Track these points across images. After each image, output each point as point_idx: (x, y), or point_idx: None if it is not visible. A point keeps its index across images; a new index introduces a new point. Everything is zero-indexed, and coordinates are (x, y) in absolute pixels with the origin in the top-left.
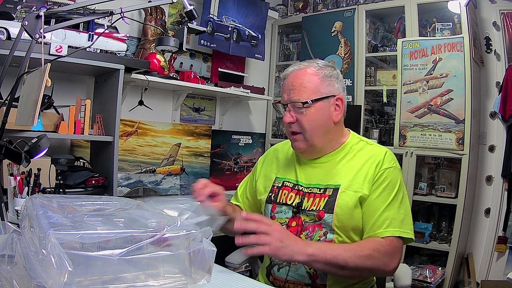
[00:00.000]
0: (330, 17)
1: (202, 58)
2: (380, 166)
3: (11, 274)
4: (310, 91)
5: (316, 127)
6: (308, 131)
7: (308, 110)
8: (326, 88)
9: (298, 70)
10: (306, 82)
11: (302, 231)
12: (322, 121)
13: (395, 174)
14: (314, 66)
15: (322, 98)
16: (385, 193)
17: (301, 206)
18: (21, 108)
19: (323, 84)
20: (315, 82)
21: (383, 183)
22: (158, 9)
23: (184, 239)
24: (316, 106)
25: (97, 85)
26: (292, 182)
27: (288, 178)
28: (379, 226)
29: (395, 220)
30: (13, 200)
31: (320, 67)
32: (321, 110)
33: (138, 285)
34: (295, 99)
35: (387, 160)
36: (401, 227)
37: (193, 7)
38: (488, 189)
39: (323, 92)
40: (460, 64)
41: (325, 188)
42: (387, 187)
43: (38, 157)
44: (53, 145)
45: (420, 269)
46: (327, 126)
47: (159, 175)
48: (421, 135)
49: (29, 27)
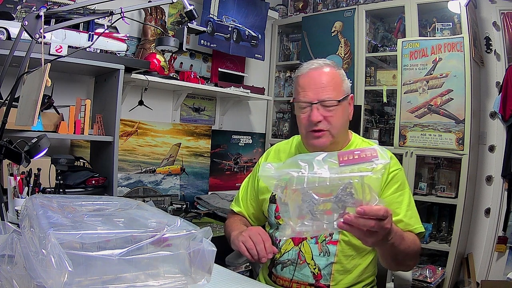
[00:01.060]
0: (330, 17)
1: (202, 58)
2: (388, 170)
3: (11, 274)
4: (339, 90)
5: (342, 124)
6: (336, 128)
7: (336, 108)
8: (346, 87)
9: (321, 69)
10: (336, 81)
11: None
12: (345, 119)
13: (402, 175)
14: (332, 66)
15: (345, 97)
16: (398, 193)
17: None
18: (21, 108)
19: (344, 83)
20: (340, 81)
21: (394, 185)
22: (158, 9)
23: (184, 239)
24: (343, 104)
25: (97, 85)
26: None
27: None
28: (408, 224)
29: (417, 218)
30: (13, 200)
31: (337, 67)
32: (345, 108)
33: (138, 285)
34: (327, 97)
35: (393, 163)
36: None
37: (193, 7)
38: (488, 189)
39: (346, 91)
40: (460, 64)
41: None
42: (399, 188)
43: (38, 157)
44: (53, 145)
45: (420, 269)
46: (347, 123)
47: (159, 175)
48: (421, 135)
49: (29, 27)
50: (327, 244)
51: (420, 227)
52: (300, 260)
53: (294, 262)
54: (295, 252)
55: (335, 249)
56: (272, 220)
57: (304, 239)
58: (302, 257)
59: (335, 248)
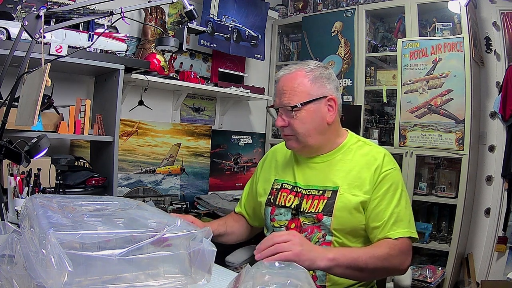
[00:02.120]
0: (330, 17)
1: (202, 58)
2: (380, 170)
3: (11, 274)
4: (300, 95)
5: (309, 129)
6: (301, 134)
7: (299, 113)
8: (317, 90)
9: (289, 74)
10: (297, 85)
11: (301, 233)
12: (315, 123)
13: (395, 175)
14: (305, 68)
15: (312, 100)
16: (389, 195)
17: (300, 208)
18: (21, 108)
19: (313, 86)
20: (305, 85)
21: (384, 185)
22: (158, 9)
23: (184, 239)
24: (307, 108)
25: (97, 85)
26: (290, 184)
27: (287, 180)
28: (390, 228)
29: (403, 220)
30: (13, 200)
31: (311, 69)
32: (313, 112)
33: (138, 285)
34: (285, 103)
35: (386, 163)
36: (409, 227)
37: (193, 7)
38: (488, 189)
39: (314, 94)
40: (460, 64)
41: (323, 189)
42: (390, 189)
43: (38, 157)
44: (53, 145)
45: (420, 269)
46: (321, 127)
47: (159, 175)
48: (421, 135)
49: (29, 27)
50: (321, 245)
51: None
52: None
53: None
54: None
55: None
56: (268, 222)
57: None
58: None
59: None
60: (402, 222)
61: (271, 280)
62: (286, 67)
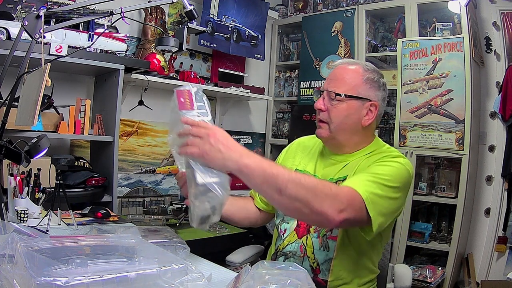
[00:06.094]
0: (330, 17)
1: (202, 58)
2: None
3: (12, 273)
4: (349, 87)
5: (343, 123)
6: (334, 123)
7: (340, 104)
8: (365, 90)
9: (347, 64)
10: (349, 77)
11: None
12: (350, 120)
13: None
14: (363, 67)
15: (357, 97)
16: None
17: None
18: (21, 108)
19: (364, 86)
20: (357, 81)
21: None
22: (158, 9)
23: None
24: (349, 102)
25: (97, 85)
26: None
27: (307, 171)
28: (352, 180)
29: (370, 186)
30: (13, 200)
31: (368, 70)
32: (352, 108)
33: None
34: (332, 89)
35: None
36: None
37: (193, 7)
38: (488, 189)
39: (361, 93)
40: (460, 64)
41: (336, 181)
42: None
43: (38, 157)
44: (53, 145)
45: (420, 269)
46: (355, 126)
47: (159, 175)
48: (421, 135)
49: (29, 27)
50: (327, 239)
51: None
52: (301, 253)
53: (295, 254)
54: (298, 245)
55: (334, 245)
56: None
57: (308, 233)
58: (303, 250)
59: (334, 244)
60: (366, 185)
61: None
62: (347, 60)
